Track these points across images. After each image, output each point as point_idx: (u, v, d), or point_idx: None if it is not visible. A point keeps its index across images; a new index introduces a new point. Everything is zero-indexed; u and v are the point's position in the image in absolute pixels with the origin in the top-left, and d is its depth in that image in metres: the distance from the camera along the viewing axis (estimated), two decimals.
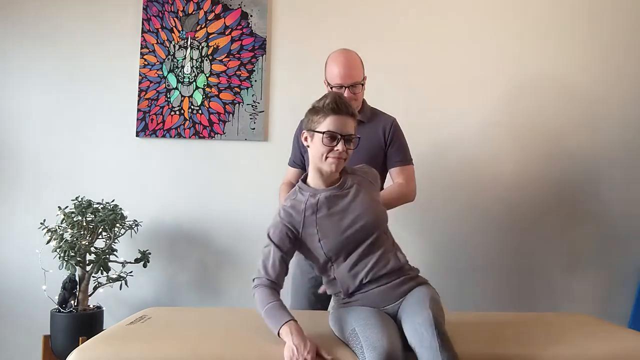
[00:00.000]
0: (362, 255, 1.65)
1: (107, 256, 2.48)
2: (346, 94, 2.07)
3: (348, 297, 1.67)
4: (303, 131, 1.74)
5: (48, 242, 2.43)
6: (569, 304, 2.73)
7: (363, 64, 2.14)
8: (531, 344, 1.62)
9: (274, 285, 1.62)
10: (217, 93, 2.82)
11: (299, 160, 2.27)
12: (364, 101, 2.23)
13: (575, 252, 2.82)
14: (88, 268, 2.45)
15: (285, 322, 1.53)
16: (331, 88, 2.10)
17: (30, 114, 2.82)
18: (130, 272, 2.54)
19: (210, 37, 2.83)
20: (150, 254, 2.59)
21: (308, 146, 1.73)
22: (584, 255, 2.83)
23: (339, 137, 1.65)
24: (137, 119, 2.81)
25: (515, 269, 2.81)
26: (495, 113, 2.83)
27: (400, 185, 2.14)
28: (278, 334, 1.53)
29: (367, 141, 2.13)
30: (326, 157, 1.67)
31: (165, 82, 2.82)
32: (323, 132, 1.65)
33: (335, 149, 1.65)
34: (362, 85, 2.13)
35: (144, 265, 2.55)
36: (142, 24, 2.83)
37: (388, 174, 2.21)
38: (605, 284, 2.83)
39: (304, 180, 1.77)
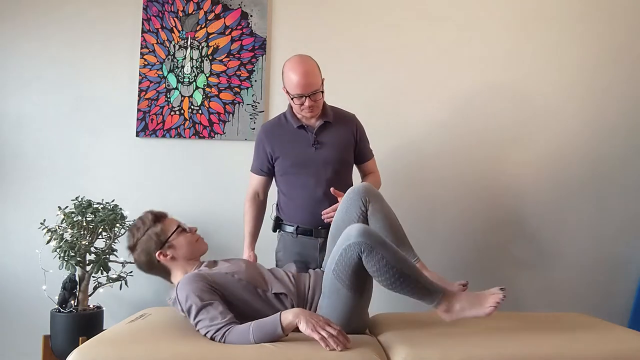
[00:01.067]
0: None
1: (107, 256, 2.48)
2: (307, 103, 2.10)
3: None
4: None
5: (48, 242, 2.43)
6: (569, 304, 2.73)
7: (319, 68, 2.14)
8: (531, 344, 1.62)
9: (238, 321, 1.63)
10: (217, 93, 2.82)
11: (266, 168, 2.27)
12: (323, 102, 2.25)
13: (575, 251, 2.82)
14: (88, 268, 2.45)
15: (279, 316, 1.57)
16: (292, 98, 2.12)
17: (31, 113, 2.82)
18: (130, 272, 2.54)
19: (210, 37, 2.83)
20: None
21: None
22: (584, 255, 2.83)
23: None
24: (137, 119, 2.81)
25: (514, 268, 2.81)
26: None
27: (375, 178, 2.34)
28: (282, 330, 1.56)
29: (339, 140, 2.22)
30: None
31: (165, 82, 2.82)
32: None
33: None
34: (322, 92, 2.15)
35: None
36: (142, 24, 2.83)
37: (357, 167, 2.34)
38: (605, 284, 2.83)
39: None
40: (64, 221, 2.45)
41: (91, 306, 2.48)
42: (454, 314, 1.65)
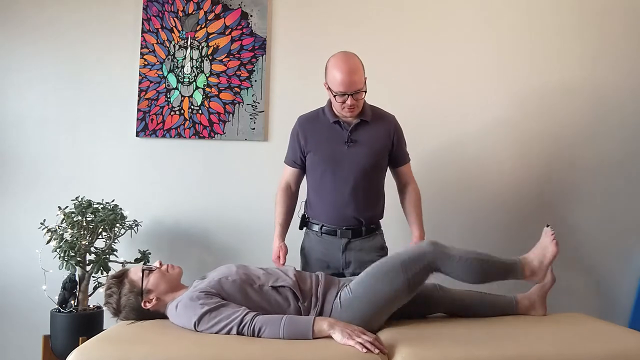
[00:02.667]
0: None
1: (107, 256, 2.48)
2: (349, 101, 2.06)
3: None
4: None
5: (48, 242, 2.43)
6: (569, 304, 2.73)
7: (364, 66, 2.11)
8: (531, 344, 1.62)
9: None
10: (217, 93, 2.82)
11: (299, 160, 2.25)
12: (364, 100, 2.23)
13: (575, 251, 2.82)
14: (88, 268, 2.45)
15: (313, 321, 1.60)
16: (334, 95, 2.08)
17: (30, 113, 2.82)
18: None
19: (210, 37, 2.83)
20: (150, 254, 2.59)
21: None
22: (584, 254, 2.83)
23: None
24: (137, 119, 2.81)
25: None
26: (502, 115, 2.84)
27: (416, 192, 2.26)
28: (312, 335, 1.58)
29: (374, 141, 2.16)
30: None
31: (165, 82, 2.82)
32: None
33: None
34: (365, 92, 2.11)
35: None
36: (142, 24, 2.83)
37: (391, 170, 2.27)
38: (605, 284, 2.83)
39: None
40: (64, 221, 2.45)
41: (91, 306, 2.48)
42: (540, 271, 1.88)
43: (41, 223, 2.46)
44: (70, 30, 2.83)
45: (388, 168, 2.27)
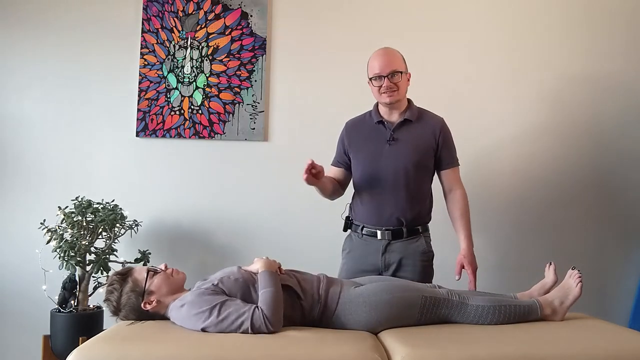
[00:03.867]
0: None
1: (107, 256, 2.48)
2: (386, 83, 2.07)
3: None
4: None
5: (48, 242, 2.43)
6: None
7: (405, 59, 2.14)
8: (531, 344, 1.62)
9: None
10: (217, 93, 2.82)
11: (343, 161, 2.25)
12: (410, 101, 2.21)
13: (575, 251, 2.82)
14: (88, 268, 2.45)
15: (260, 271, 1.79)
16: (373, 84, 2.10)
17: (30, 114, 2.82)
18: None
19: (210, 37, 2.83)
20: (150, 254, 2.59)
21: None
22: (584, 254, 2.82)
23: None
24: (137, 119, 2.81)
25: (514, 268, 2.81)
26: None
27: (463, 198, 2.19)
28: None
29: (417, 140, 2.14)
30: None
31: (165, 82, 2.82)
32: None
33: None
34: (403, 74, 2.10)
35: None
36: (142, 24, 2.83)
37: (437, 173, 2.23)
38: (605, 284, 2.83)
39: None
40: (64, 221, 2.45)
41: (91, 306, 2.48)
42: (560, 311, 1.85)
43: (41, 223, 2.46)
44: (70, 30, 2.83)
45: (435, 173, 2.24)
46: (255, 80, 2.82)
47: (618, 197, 2.85)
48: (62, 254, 2.36)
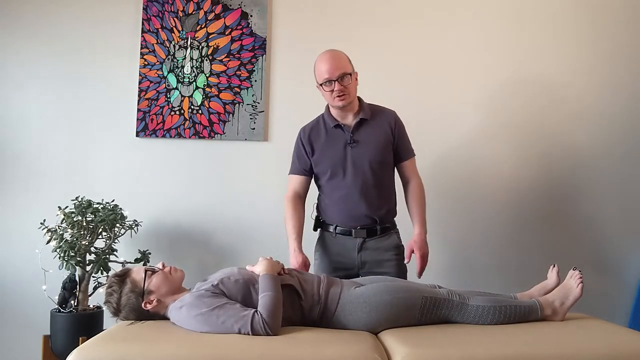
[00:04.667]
0: None
1: (107, 256, 2.48)
2: (336, 87, 2.07)
3: None
4: None
5: (48, 242, 2.43)
6: None
7: (350, 60, 2.13)
8: (531, 344, 1.62)
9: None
10: (217, 93, 2.82)
11: (308, 167, 2.23)
12: (360, 99, 2.22)
13: (575, 251, 2.82)
14: (88, 268, 2.45)
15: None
16: (323, 88, 2.10)
17: (30, 113, 2.82)
18: None
19: (210, 37, 2.83)
20: (150, 254, 2.59)
21: None
22: (584, 255, 2.82)
23: None
24: (137, 119, 2.81)
25: (514, 268, 2.81)
26: (491, 112, 2.84)
27: (419, 188, 2.22)
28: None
29: (376, 138, 2.16)
30: None
31: (165, 82, 2.82)
32: None
33: None
34: (351, 75, 2.10)
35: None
36: (142, 24, 2.83)
37: (395, 166, 2.25)
38: (605, 284, 2.83)
39: None
40: (64, 221, 2.45)
41: (91, 306, 2.48)
42: (560, 312, 1.86)
43: (41, 223, 2.46)
44: (70, 30, 2.83)
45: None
46: (255, 80, 2.82)
47: (618, 197, 2.85)
48: (62, 254, 2.36)
